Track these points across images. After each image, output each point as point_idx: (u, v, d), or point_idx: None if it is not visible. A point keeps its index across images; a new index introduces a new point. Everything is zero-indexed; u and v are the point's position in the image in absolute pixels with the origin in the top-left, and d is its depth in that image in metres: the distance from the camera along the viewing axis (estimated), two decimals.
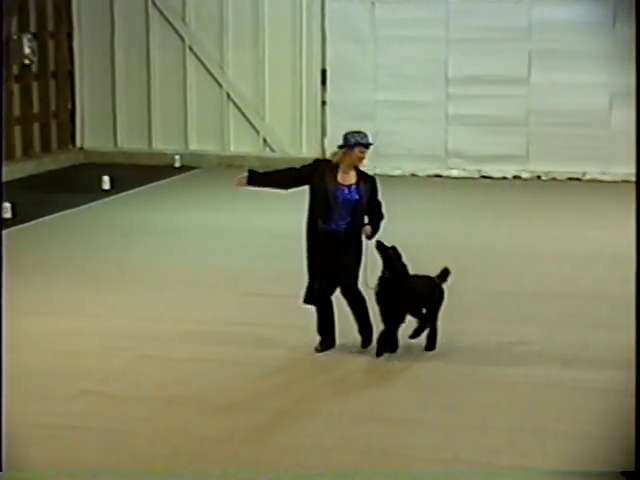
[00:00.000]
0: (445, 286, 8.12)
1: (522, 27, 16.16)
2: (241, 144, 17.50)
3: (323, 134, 17.16)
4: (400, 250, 7.99)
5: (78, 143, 18.27)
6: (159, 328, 8.62)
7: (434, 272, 8.19)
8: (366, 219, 7.91)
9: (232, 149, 17.61)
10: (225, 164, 17.47)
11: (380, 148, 16.87)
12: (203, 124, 17.71)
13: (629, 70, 15.74)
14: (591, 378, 7.47)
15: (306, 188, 8.06)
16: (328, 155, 8.00)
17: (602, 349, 8.10)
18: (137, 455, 6.18)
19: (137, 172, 16.76)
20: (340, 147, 7.94)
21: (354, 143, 7.85)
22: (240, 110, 17.46)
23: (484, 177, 16.55)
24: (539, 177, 16.46)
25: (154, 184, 15.95)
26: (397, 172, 16.84)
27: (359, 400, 7.09)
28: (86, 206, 14.08)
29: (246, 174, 8.18)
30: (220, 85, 17.50)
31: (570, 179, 16.20)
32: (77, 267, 10.74)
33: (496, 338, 8.29)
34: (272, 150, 17.44)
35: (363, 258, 7.87)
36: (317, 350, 8.02)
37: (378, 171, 16.86)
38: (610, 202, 14.44)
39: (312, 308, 8.04)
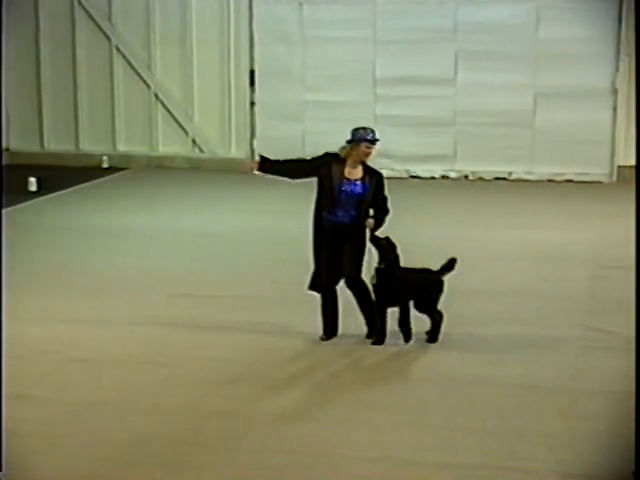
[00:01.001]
0: (445, 278, 8.30)
1: (448, 28, 16.37)
2: (170, 145, 17.46)
3: (252, 135, 17.19)
4: (394, 241, 8.21)
5: (3, 144, 18.04)
6: (89, 330, 8.58)
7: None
8: (372, 213, 8.11)
9: (161, 150, 17.55)
10: (154, 165, 17.41)
11: (308, 148, 16.98)
12: (131, 125, 17.63)
13: (552, 71, 16.08)
14: (518, 375, 7.61)
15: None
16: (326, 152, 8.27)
17: (529, 346, 8.25)
18: (69, 459, 6.16)
19: (64, 173, 16.64)
20: (348, 142, 8.15)
21: (360, 139, 8.07)
22: (168, 110, 17.41)
23: (413, 177, 16.73)
24: (466, 177, 16.68)
25: (82, 185, 15.84)
26: None
27: (285, 399, 7.15)
28: (12, 208, 13.92)
29: (258, 159, 8.32)
30: (148, 85, 17.43)
31: (497, 178, 16.45)
32: (4, 270, 10.61)
33: (423, 336, 8.40)
34: (201, 151, 17.43)
35: (366, 251, 8.09)
36: (322, 339, 8.26)
37: None
38: (535, 201, 14.70)
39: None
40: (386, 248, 8.13)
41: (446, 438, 6.48)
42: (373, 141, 8.11)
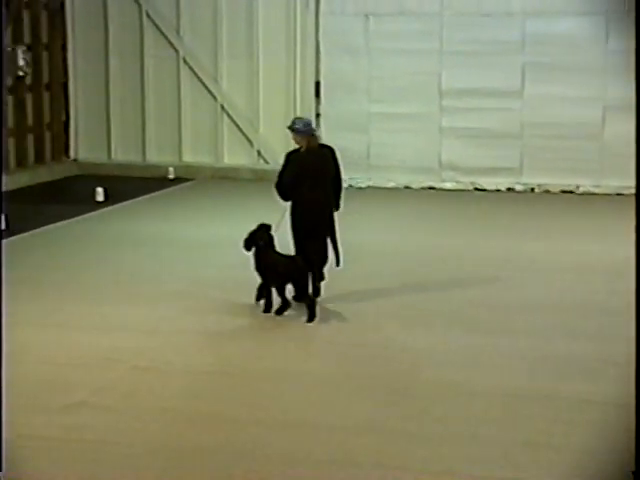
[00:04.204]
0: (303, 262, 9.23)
1: (515, 40, 16.24)
2: (235, 156, 17.53)
3: None
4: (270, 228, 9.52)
5: (72, 155, 18.32)
6: (153, 340, 8.62)
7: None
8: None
9: (226, 161, 17.65)
10: (219, 176, 17.51)
11: (373, 160, 16.98)
12: (197, 136, 17.75)
13: (621, 83, 15.85)
14: (584, 390, 7.48)
15: None
16: None
17: (592, 361, 8.11)
18: (129, 467, 6.18)
19: (131, 184, 16.81)
20: None
21: None
22: (234, 122, 17.51)
23: (478, 189, 16.61)
24: (533, 190, 16.51)
25: (148, 196, 15.98)
26: (391, 184, 16.89)
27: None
28: (79, 218, 14.10)
29: None
30: (214, 97, 17.55)
31: (563, 192, 16.24)
32: (70, 279, 10.74)
33: (480, 350, 8.30)
34: (266, 162, 17.48)
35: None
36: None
37: (372, 183, 17.00)
38: (603, 215, 14.49)
39: None
40: (259, 230, 9.51)
41: (510, 452, 6.39)
42: (292, 130, 9.53)
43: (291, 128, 9.53)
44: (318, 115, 17.11)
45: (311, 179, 9.42)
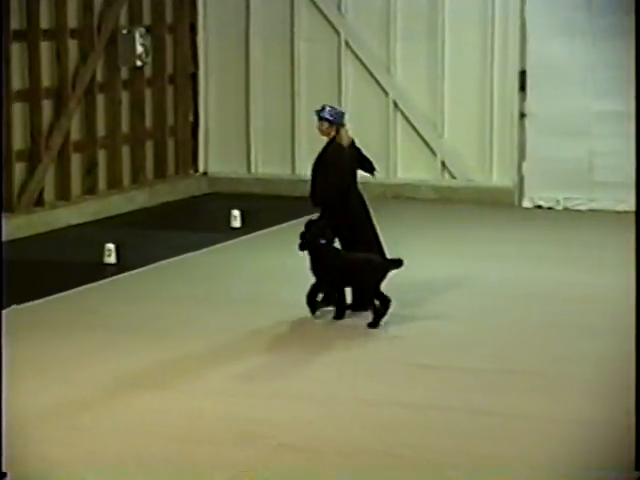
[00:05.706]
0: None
1: None
2: (412, 169, 17.50)
3: (521, 156, 17.01)
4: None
5: (201, 167, 18.60)
6: (300, 408, 8.60)
7: None
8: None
9: (400, 175, 17.65)
10: (390, 195, 17.48)
11: (598, 174, 16.64)
12: (362, 142, 17.66)
13: None
14: None
15: None
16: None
17: None
18: None
19: (276, 205, 16.97)
20: None
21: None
22: (411, 124, 17.51)
23: None
24: None
25: (297, 220, 15.98)
26: (621, 206, 16.49)
27: None
28: (209, 249, 14.26)
29: None
30: (385, 92, 17.59)
31: None
32: (197, 326, 10.83)
33: None
34: (453, 177, 17.40)
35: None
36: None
37: (595, 205, 16.66)
38: None
39: None
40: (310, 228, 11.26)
41: None
42: (319, 118, 11.45)
43: (319, 115, 11.43)
44: (523, 115, 16.93)
45: (355, 177, 11.79)
